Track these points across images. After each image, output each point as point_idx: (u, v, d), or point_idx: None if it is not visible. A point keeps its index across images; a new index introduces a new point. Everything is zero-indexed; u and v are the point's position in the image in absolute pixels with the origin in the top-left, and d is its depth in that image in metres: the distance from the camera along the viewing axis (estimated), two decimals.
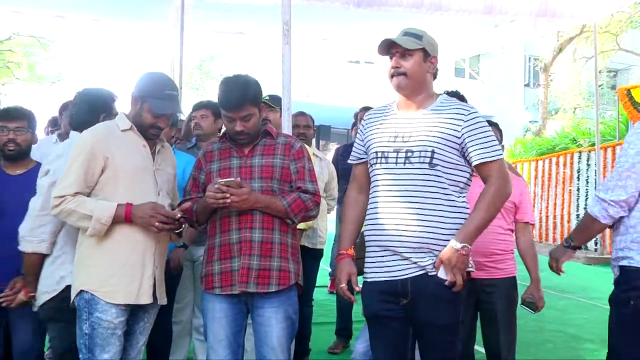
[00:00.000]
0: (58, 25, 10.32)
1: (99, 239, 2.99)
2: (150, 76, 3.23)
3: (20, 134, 3.45)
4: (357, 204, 3.01)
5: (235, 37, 10.63)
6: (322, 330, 5.80)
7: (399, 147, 2.80)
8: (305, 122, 5.01)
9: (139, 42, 12.64)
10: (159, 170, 3.19)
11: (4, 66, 24.92)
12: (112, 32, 11.05)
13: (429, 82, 2.88)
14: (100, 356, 2.95)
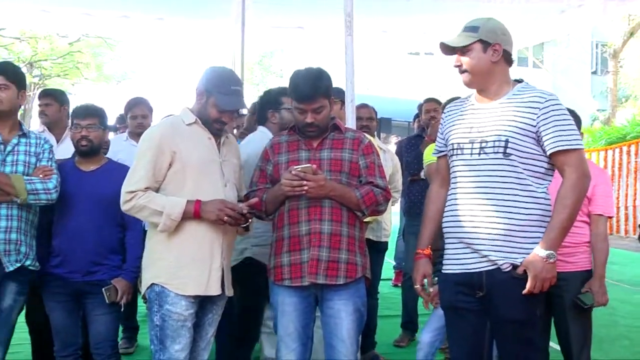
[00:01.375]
0: (124, 25, 10.58)
1: (167, 233, 3.04)
2: (216, 71, 3.25)
3: (92, 131, 3.53)
4: (438, 199, 2.96)
5: (295, 31, 10.64)
6: (387, 324, 5.78)
7: (473, 138, 2.75)
8: (368, 114, 4.98)
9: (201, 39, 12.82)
10: (225, 162, 3.21)
11: (74, 67, 25.77)
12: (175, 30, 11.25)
13: (499, 70, 2.79)
14: (171, 347, 3.01)
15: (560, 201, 2.63)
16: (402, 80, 23.07)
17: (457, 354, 2.87)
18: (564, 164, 2.65)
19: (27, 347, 4.29)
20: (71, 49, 25.28)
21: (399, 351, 5.33)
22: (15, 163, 3.38)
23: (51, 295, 3.52)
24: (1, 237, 3.27)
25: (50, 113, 4.61)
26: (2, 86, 3.36)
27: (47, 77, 25.73)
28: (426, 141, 5.56)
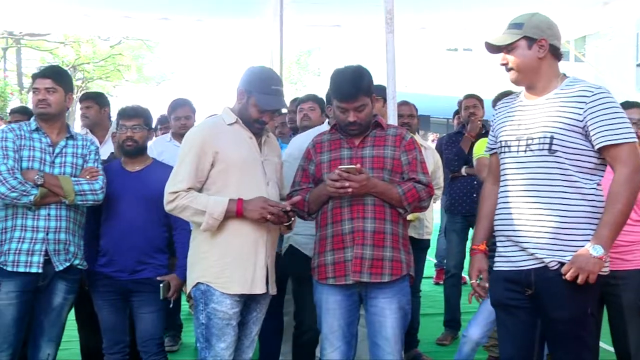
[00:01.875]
0: (163, 27, 10.72)
1: (212, 233, 3.07)
2: (257, 71, 3.26)
3: (137, 132, 3.59)
4: (491, 196, 2.92)
5: (333, 30, 10.64)
6: (430, 322, 5.74)
7: (520, 136, 2.72)
8: (409, 112, 4.96)
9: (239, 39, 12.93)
10: (267, 161, 3.23)
11: (115, 69, 26.29)
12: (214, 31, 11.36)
13: (546, 66, 2.74)
14: (216, 345, 3.05)
15: (611, 197, 2.58)
16: (440, 77, 22.87)
17: (507, 352, 2.83)
18: (615, 159, 2.59)
19: (76, 344, 4.38)
20: (112, 51, 25.79)
21: (442, 350, 5.29)
22: (63, 165, 3.45)
23: (99, 294, 3.59)
24: (51, 237, 3.35)
25: (91, 115, 4.70)
26: (50, 89, 3.43)
27: (90, 80, 26.26)
28: (466, 137, 5.52)
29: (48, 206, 3.34)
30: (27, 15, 10.59)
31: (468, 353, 3.86)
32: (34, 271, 3.31)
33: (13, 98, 21.97)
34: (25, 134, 3.41)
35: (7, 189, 3.22)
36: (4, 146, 3.32)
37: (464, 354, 3.89)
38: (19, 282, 3.31)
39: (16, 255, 3.30)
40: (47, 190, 3.30)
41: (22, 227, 3.33)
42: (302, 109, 4.65)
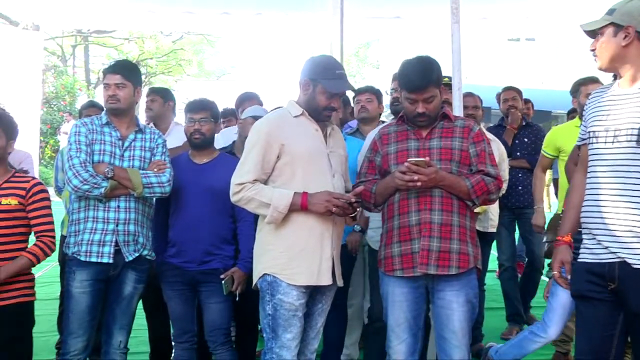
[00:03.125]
0: (224, 22, 10.87)
1: (278, 225, 3.10)
2: (318, 59, 3.28)
3: (205, 124, 3.66)
4: (580, 188, 2.82)
5: (392, 21, 10.58)
6: (494, 316, 5.66)
7: (608, 126, 2.63)
8: (474, 103, 4.89)
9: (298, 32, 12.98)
10: (332, 153, 3.24)
11: (177, 64, 26.84)
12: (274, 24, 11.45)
13: (634, 54, 2.62)
14: (283, 336, 3.08)
15: None
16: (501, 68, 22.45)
17: (583, 345, 2.74)
18: None
19: (145, 332, 4.51)
20: (174, 46, 26.34)
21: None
22: (132, 158, 3.54)
23: (169, 284, 3.67)
24: (120, 228, 3.44)
25: (155, 108, 4.80)
26: (120, 85, 3.51)
27: (153, 75, 26.87)
28: (508, 130, 5.54)
29: (117, 198, 3.43)
30: (94, 14, 10.92)
31: (535, 349, 3.79)
32: (105, 261, 3.41)
33: (81, 94, 22.70)
34: (97, 128, 3.51)
35: (80, 181, 3.33)
36: (77, 140, 3.43)
37: (529, 349, 3.81)
38: (92, 272, 3.41)
39: (88, 246, 3.40)
40: (117, 183, 3.39)
41: (93, 219, 3.43)
42: (359, 100, 4.66)
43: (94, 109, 4.79)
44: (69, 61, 26.14)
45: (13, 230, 3.28)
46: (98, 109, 4.78)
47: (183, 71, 27.56)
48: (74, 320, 3.40)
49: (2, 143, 3.29)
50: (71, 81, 22.74)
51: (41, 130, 16.56)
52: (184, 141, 3.92)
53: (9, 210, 3.26)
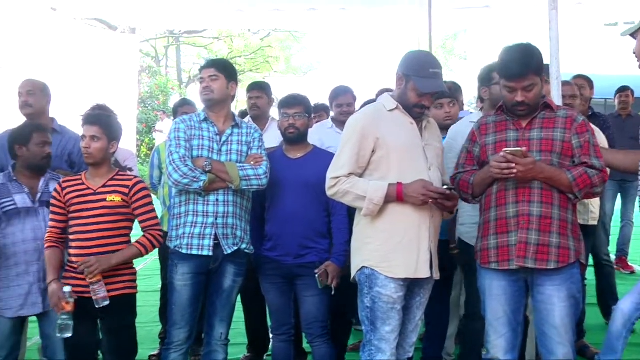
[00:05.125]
0: (310, 18, 10.95)
1: (374, 217, 3.10)
2: (415, 55, 3.28)
3: (299, 119, 3.70)
4: None
5: (481, 11, 10.35)
6: (597, 312, 5.45)
7: None
8: (571, 92, 4.71)
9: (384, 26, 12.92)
10: (428, 146, 3.21)
11: (264, 61, 27.28)
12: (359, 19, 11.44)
13: None
14: (381, 329, 3.08)
15: None
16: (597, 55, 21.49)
17: None
18: None
19: (242, 324, 4.61)
20: (262, 44, 26.79)
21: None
22: (229, 152, 3.61)
23: (266, 278, 3.74)
24: (219, 221, 3.52)
25: (262, 105, 4.89)
26: (213, 77, 3.60)
27: (241, 73, 27.44)
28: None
29: (216, 192, 3.51)
30: (185, 15, 11.24)
31: (619, 330, 3.50)
32: (205, 254, 3.50)
33: (174, 93, 23.45)
34: (195, 124, 3.61)
35: (180, 175, 3.43)
36: (176, 136, 3.55)
37: (615, 331, 3.54)
38: (193, 265, 3.51)
39: (189, 239, 3.51)
40: (215, 177, 3.47)
41: (193, 213, 3.53)
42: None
43: (188, 106, 4.93)
44: (162, 62, 27.07)
45: (117, 225, 3.42)
46: (191, 106, 4.92)
47: (271, 68, 27.97)
48: (177, 312, 3.52)
49: (104, 144, 3.43)
50: (164, 81, 23.52)
51: (137, 129, 17.22)
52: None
53: (113, 207, 3.40)
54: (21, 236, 3.59)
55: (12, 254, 3.59)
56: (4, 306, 3.58)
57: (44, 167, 3.71)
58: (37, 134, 3.67)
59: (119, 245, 3.40)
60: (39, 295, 3.57)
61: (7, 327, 3.59)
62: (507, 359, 3.11)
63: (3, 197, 3.61)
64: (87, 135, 3.40)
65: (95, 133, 3.40)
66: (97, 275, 3.27)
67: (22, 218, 3.61)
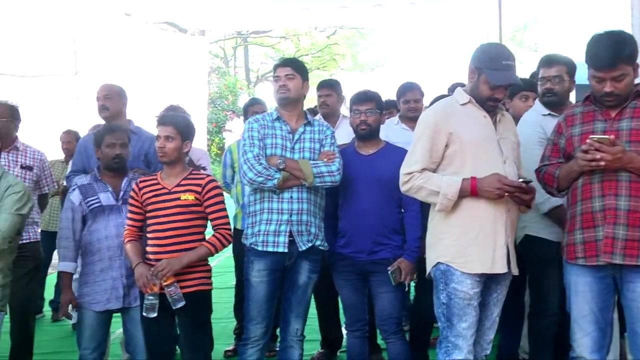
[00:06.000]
0: (376, 14, 10.93)
1: (449, 212, 3.06)
2: (487, 47, 3.24)
3: (371, 115, 3.69)
4: None
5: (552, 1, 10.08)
6: None
7: None
8: None
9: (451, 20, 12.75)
10: (503, 139, 3.15)
11: (331, 59, 27.34)
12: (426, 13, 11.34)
13: None
14: (458, 325, 3.05)
15: None
16: None
17: None
18: None
19: (315, 321, 4.64)
20: (328, 42, 26.88)
21: None
22: (302, 150, 3.64)
23: (340, 274, 3.76)
24: (294, 218, 3.54)
25: (331, 103, 4.91)
26: (289, 75, 3.63)
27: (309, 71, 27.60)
28: None
29: (290, 189, 3.54)
30: (253, 15, 11.41)
31: None
32: (281, 251, 3.53)
33: (242, 92, 23.80)
34: (268, 123, 3.65)
35: (254, 174, 3.48)
36: (250, 135, 3.59)
37: None
38: (268, 261, 3.55)
39: (265, 236, 3.55)
40: (289, 174, 3.50)
41: (268, 210, 3.56)
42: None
43: (258, 105, 4.99)
44: (230, 62, 27.52)
45: (191, 223, 3.49)
46: (262, 105, 4.98)
47: (337, 66, 28.00)
48: (254, 308, 3.56)
49: (178, 144, 3.50)
50: (233, 81, 23.89)
51: (207, 129, 17.57)
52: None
53: (187, 205, 3.47)
54: (105, 233, 3.72)
55: (97, 250, 3.72)
56: (91, 300, 3.71)
57: (115, 167, 3.78)
58: (107, 136, 3.78)
59: (193, 243, 3.47)
60: (122, 290, 3.68)
61: (95, 320, 3.72)
62: (594, 358, 3.01)
63: (89, 196, 3.75)
64: (161, 135, 3.49)
65: (169, 133, 3.48)
66: (170, 277, 3.35)
67: (106, 215, 3.74)
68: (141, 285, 3.41)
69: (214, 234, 3.53)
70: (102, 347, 3.77)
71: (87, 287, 3.74)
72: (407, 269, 3.58)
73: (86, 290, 3.74)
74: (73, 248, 3.76)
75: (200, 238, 3.52)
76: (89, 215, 3.74)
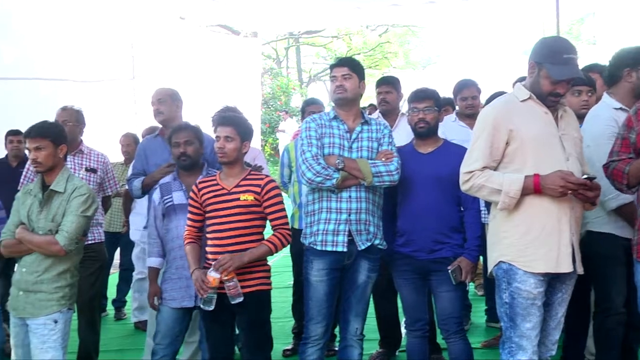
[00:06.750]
0: (428, 11, 10.82)
1: (512, 211, 3.01)
2: (547, 41, 3.17)
3: (429, 113, 3.66)
4: None
5: None
6: None
7: None
8: None
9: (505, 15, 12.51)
10: (565, 136, 3.09)
11: (383, 57, 27.25)
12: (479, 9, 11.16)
13: None
14: (521, 325, 2.99)
15: None
16: None
17: None
18: None
19: (372, 320, 4.62)
20: (380, 40, 26.80)
21: None
22: (360, 149, 3.63)
23: (399, 273, 3.74)
24: (353, 217, 3.54)
25: (391, 100, 4.90)
26: (346, 75, 3.63)
27: None
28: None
29: (349, 189, 3.54)
30: (305, 15, 11.45)
31: None
32: (340, 250, 3.53)
33: (295, 92, 23.93)
34: (325, 123, 3.66)
35: (313, 174, 3.49)
36: (308, 135, 3.61)
37: None
38: (327, 261, 3.56)
39: (324, 236, 3.55)
40: (347, 174, 3.50)
41: (327, 209, 3.57)
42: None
43: (315, 105, 5.01)
44: (283, 63, 27.71)
45: (250, 224, 3.52)
46: (319, 105, 5.00)
47: (389, 64, 27.90)
48: (313, 307, 3.58)
49: (237, 144, 3.54)
50: (286, 82, 24.05)
51: (261, 130, 17.73)
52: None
53: (246, 205, 3.50)
54: (176, 232, 3.82)
55: (171, 249, 3.85)
56: (168, 297, 3.83)
57: (183, 165, 3.91)
58: (173, 135, 3.93)
59: (253, 243, 3.50)
60: (193, 289, 3.72)
61: (171, 317, 3.81)
62: None
63: (165, 195, 3.90)
64: (221, 135, 3.53)
65: (229, 133, 3.52)
66: (230, 272, 3.39)
67: (177, 214, 3.84)
68: (197, 288, 3.46)
69: (274, 234, 3.56)
70: (175, 345, 3.85)
71: (165, 284, 3.87)
72: (467, 268, 3.54)
73: (164, 286, 3.87)
74: (157, 244, 3.93)
75: (259, 238, 3.55)
76: (165, 214, 3.88)
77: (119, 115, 8.98)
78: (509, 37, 26.53)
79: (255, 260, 3.49)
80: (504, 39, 28.81)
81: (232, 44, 13.46)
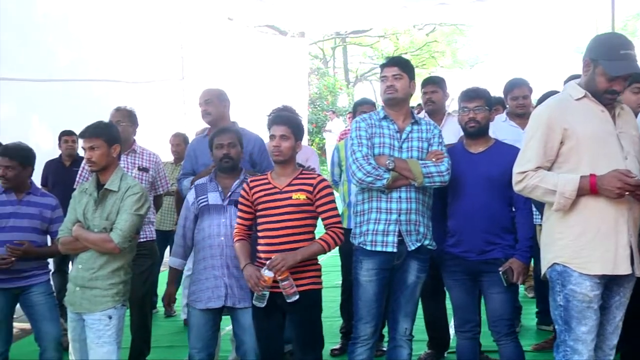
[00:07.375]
0: (476, 10, 10.70)
1: (566, 211, 2.96)
2: (603, 37, 3.11)
3: (479, 113, 3.61)
4: None
5: None
6: None
7: None
8: None
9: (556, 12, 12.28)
10: (623, 134, 3.01)
11: (430, 56, 27.08)
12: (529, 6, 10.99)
13: None
14: (577, 329, 2.94)
15: None
16: None
17: None
18: None
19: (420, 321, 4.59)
20: (427, 39, 26.63)
21: None
22: (410, 149, 3.61)
23: (449, 274, 3.71)
24: (403, 218, 3.52)
25: (436, 100, 4.87)
26: (396, 75, 3.61)
27: None
28: None
29: (399, 189, 3.52)
30: (352, 15, 11.46)
31: None
32: (390, 250, 3.52)
33: (341, 92, 23.95)
34: (375, 123, 3.65)
35: (363, 174, 3.48)
36: (358, 135, 3.60)
37: None
38: (377, 261, 3.55)
39: (373, 236, 3.55)
40: (398, 174, 3.49)
41: (377, 210, 3.56)
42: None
43: (367, 105, 5.00)
44: (329, 63, 27.78)
45: (302, 223, 3.53)
46: (370, 105, 4.99)
47: (437, 63, 27.72)
48: (363, 307, 3.58)
49: (292, 143, 3.56)
50: (332, 81, 24.09)
51: (308, 129, 17.80)
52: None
53: (299, 204, 3.51)
54: (208, 231, 3.83)
55: (201, 248, 3.85)
56: (196, 298, 3.84)
57: (225, 167, 3.90)
58: (216, 137, 3.92)
59: (304, 242, 3.50)
60: (223, 289, 3.76)
61: (201, 319, 3.82)
62: None
63: (200, 195, 3.91)
64: (277, 134, 3.55)
65: (284, 132, 3.54)
66: (284, 272, 3.40)
67: (211, 214, 3.85)
68: (252, 285, 3.46)
69: (326, 232, 3.56)
70: (210, 349, 3.84)
71: (193, 285, 3.88)
72: (519, 269, 3.49)
73: (192, 288, 3.88)
74: (181, 245, 3.95)
75: (310, 237, 3.56)
76: (199, 214, 3.89)
77: (169, 116, 9.13)
78: (560, 35, 26.12)
79: (307, 258, 3.50)
80: (554, 37, 28.34)
81: (279, 44, 13.54)
